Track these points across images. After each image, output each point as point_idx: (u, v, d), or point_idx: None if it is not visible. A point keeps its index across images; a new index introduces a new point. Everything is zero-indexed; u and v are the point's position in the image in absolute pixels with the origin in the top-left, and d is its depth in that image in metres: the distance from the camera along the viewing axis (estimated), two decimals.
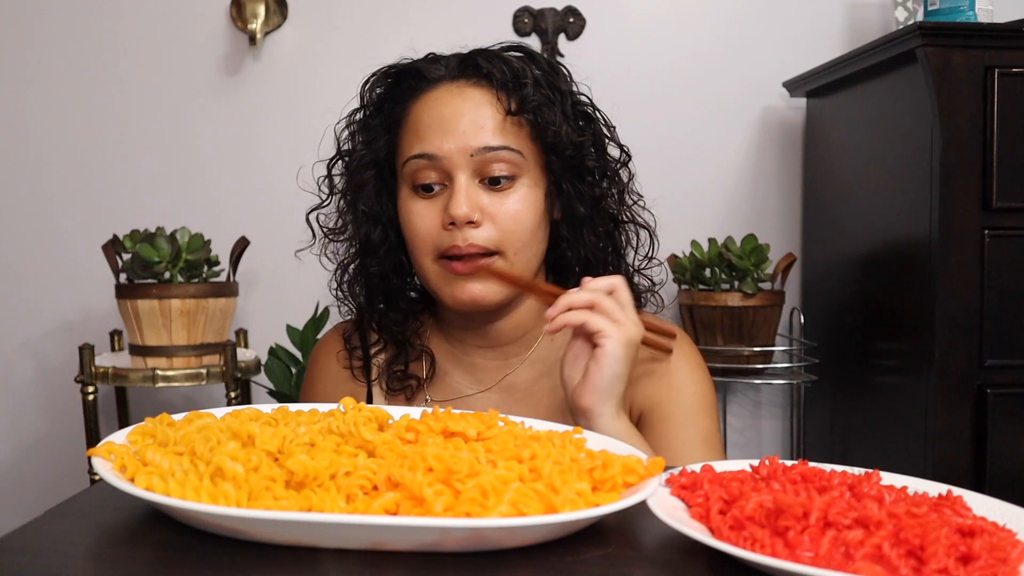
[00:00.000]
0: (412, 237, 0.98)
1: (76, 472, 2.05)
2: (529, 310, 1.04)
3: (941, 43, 1.47)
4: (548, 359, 1.05)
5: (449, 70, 0.99)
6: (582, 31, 2.10)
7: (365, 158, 1.01)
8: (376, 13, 2.09)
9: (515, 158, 0.95)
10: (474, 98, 0.96)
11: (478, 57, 0.98)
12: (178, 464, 0.63)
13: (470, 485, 0.58)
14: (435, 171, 0.95)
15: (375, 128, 1.02)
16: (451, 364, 1.07)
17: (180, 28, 2.10)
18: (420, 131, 0.96)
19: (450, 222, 0.93)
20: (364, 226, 1.01)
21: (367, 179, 1.01)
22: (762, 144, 2.13)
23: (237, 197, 2.11)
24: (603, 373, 0.87)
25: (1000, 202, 1.47)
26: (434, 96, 0.98)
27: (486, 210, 0.94)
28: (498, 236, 0.95)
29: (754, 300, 1.83)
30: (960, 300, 1.47)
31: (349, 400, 0.76)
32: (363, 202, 1.01)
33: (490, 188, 0.95)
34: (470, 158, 0.94)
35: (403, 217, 0.99)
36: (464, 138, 0.94)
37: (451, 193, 0.94)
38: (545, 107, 0.96)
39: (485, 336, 1.04)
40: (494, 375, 1.05)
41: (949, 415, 1.48)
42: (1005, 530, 0.57)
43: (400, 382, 1.05)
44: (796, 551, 0.54)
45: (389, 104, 1.02)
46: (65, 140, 2.11)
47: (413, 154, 0.96)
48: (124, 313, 1.75)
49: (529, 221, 0.96)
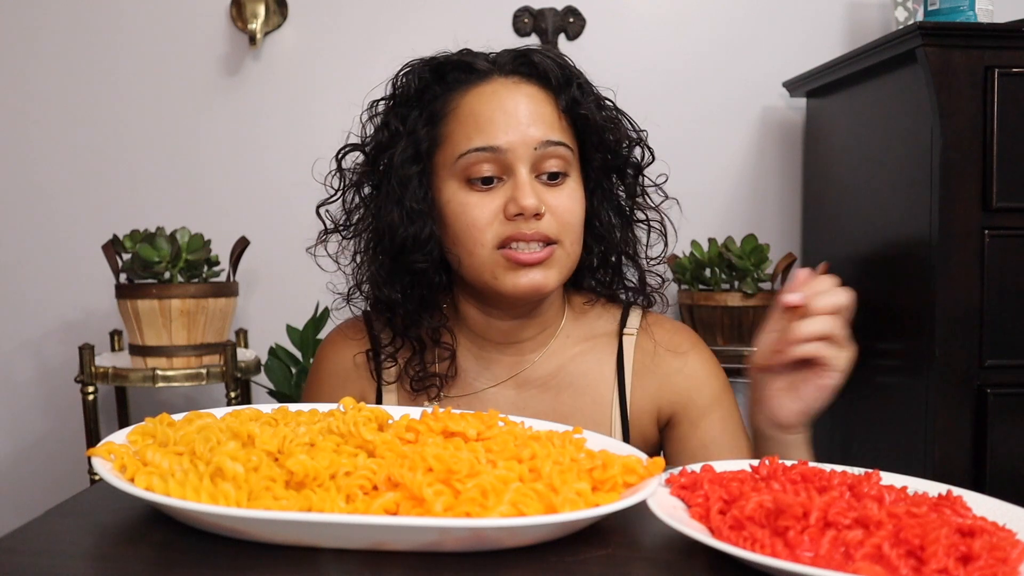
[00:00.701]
0: (469, 228, 0.95)
1: (76, 472, 2.05)
2: (550, 307, 1.05)
3: (941, 43, 1.47)
4: (563, 355, 1.06)
5: (499, 65, 0.99)
6: (582, 31, 2.10)
7: (408, 150, 0.98)
8: (376, 13, 2.09)
9: (568, 155, 0.97)
10: (532, 94, 0.97)
11: (532, 54, 0.99)
12: (178, 464, 0.63)
13: (470, 485, 0.58)
14: (495, 164, 0.95)
15: (414, 120, 0.99)
16: (468, 360, 1.07)
17: (180, 28, 2.10)
18: (480, 123, 0.95)
19: (516, 213, 0.93)
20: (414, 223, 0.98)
21: (411, 175, 0.98)
22: (762, 144, 2.13)
23: (237, 197, 2.11)
24: (821, 399, 0.90)
25: (1000, 202, 1.47)
26: (490, 89, 0.97)
27: (546, 203, 0.95)
28: (557, 227, 0.96)
29: (754, 300, 1.83)
30: (960, 300, 1.47)
31: (349, 400, 0.76)
32: (410, 198, 0.98)
33: (546, 183, 0.96)
34: (532, 151, 0.94)
35: (454, 210, 0.97)
36: (528, 131, 0.94)
37: (515, 186, 0.94)
38: (595, 107, 0.99)
39: (506, 333, 1.04)
40: (509, 370, 1.06)
41: (949, 415, 1.48)
42: (1005, 530, 0.57)
43: (422, 383, 1.04)
44: (796, 551, 0.54)
45: (430, 96, 1.00)
46: (65, 140, 2.11)
47: (474, 147, 0.94)
48: (124, 313, 1.75)
49: (580, 214, 0.99)
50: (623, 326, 1.08)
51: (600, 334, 1.08)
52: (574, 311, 1.09)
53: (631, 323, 1.08)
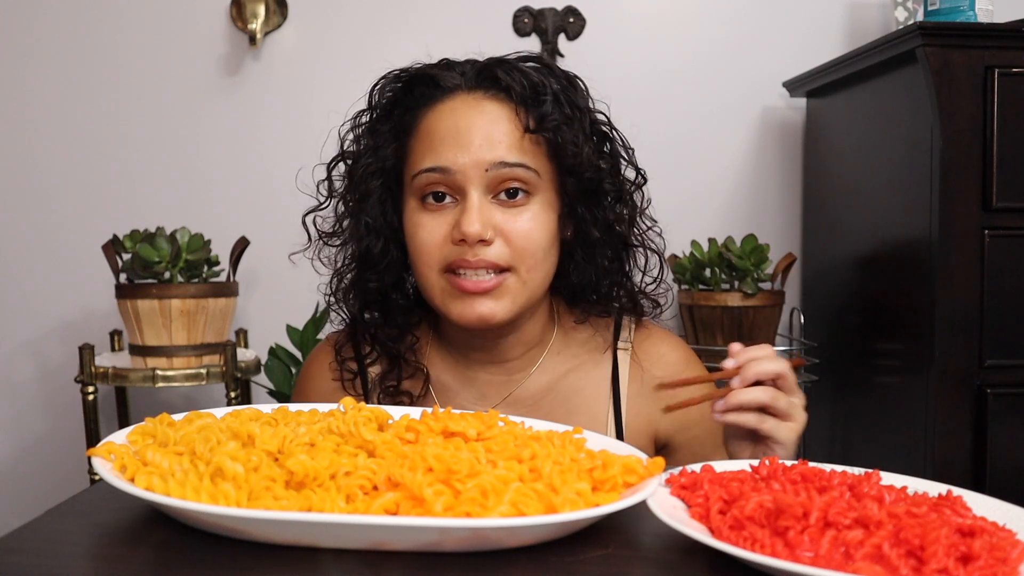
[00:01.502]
0: (418, 250, 0.94)
1: (76, 472, 2.05)
2: (534, 327, 1.02)
3: (941, 43, 1.47)
4: (554, 373, 1.03)
5: (465, 79, 0.95)
6: (582, 31, 2.10)
7: (372, 166, 0.97)
8: (376, 13, 2.09)
9: (530, 176, 0.92)
10: (491, 112, 0.93)
11: (496, 68, 0.94)
12: (178, 464, 0.63)
13: (470, 485, 0.58)
14: (446, 185, 0.92)
15: (383, 134, 0.98)
16: (455, 380, 1.04)
17: (180, 28, 2.10)
18: (433, 143, 0.93)
19: (460, 239, 0.90)
20: (366, 239, 0.98)
21: (372, 189, 0.97)
22: (762, 144, 2.13)
23: (237, 197, 2.11)
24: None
25: (1000, 202, 1.47)
26: (449, 107, 0.94)
27: (499, 227, 0.91)
28: (510, 253, 0.92)
29: (754, 300, 1.83)
30: (960, 300, 1.47)
31: (349, 400, 0.76)
32: (367, 213, 0.97)
33: (503, 204, 0.92)
34: (484, 173, 0.91)
35: (409, 230, 0.95)
36: (479, 152, 0.90)
37: (463, 209, 0.91)
38: (564, 127, 0.93)
39: (489, 352, 1.02)
40: (500, 391, 1.03)
41: (949, 415, 1.48)
42: (1005, 530, 0.57)
43: (392, 398, 1.02)
44: (796, 551, 0.54)
45: (399, 110, 0.98)
46: (65, 140, 2.11)
47: (425, 167, 0.92)
48: (124, 313, 1.76)
49: (542, 240, 0.93)
50: (616, 338, 1.05)
51: (593, 349, 1.04)
52: (563, 328, 1.05)
53: (624, 335, 1.05)
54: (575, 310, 1.05)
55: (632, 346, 1.04)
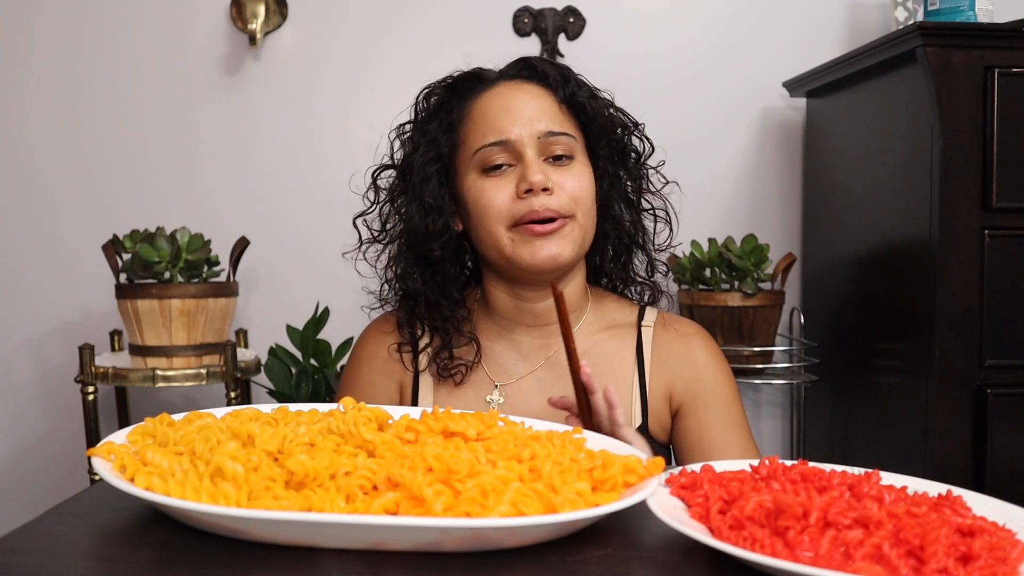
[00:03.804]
0: (486, 208, 1.06)
1: (76, 472, 2.05)
2: (575, 290, 1.14)
3: (941, 43, 1.47)
4: (588, 340, 1.14)
5: (503, 73, 1.14)
6: (582, 31, 2.10)
7: (429, 154, 1.11)
8: (376, 13, 2.09)
9: (571, 142, 1.09)
10: (532, 91, 1.10)
11: (531, 60, 1.13)
12: (178, 464, 0.63)
13: (470, 485, 0.58)
14: (507, 153, 1.07)
15: (433, 131, 1.13)
16: (498, 344, 1.16)
17: (180, 28, 2.10)
18: (489, 121, 1.08)
19: (527, 189, 1.04)
20: (429, 215, 1.11)
21: (430, 174, 1.11)
22: (762, 144, 2.13)
23: (237, 197, 2.11)
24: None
25: (1000, 202, 1.47)
26: (496, 91, 1.11)
27: (555, 181, 1.06)
28: (569, 202, 1.06)
29: (754, 300, 1.83)
30: (960, 300, 1.47)
31: (349, 400, 0.76)
32: (428, 195, 1.11)
33: (553, 164, 1.07)
34: (537, 140, 1.07)
35: (473, 196, 1.08)
36: (531, 123, 1.07)
37: (524, 166, 1.05)
38: (592, 99, 1.12)
39: (533, 315, 1.13)
40: (540, 353, 1.14)
41: (949, 415, 1.48)
42: (1005, 530, 0.57)
43: (448, 369, 1.13)
44: (796, 551, 0.54)
45: (446, 109, 1.13)
46: (65, 140, 2.11)
47: (488, 142, 1.07)
48: (124, 313, 1.76)
49: (590, 191, 1.09)
50: (641, 319, 1.18)
51: (621, 324, 1.17)
52: (596, 299, 1.19)
53: (648, 318, 1.18)
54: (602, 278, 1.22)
55: (655, 326, 1.17)
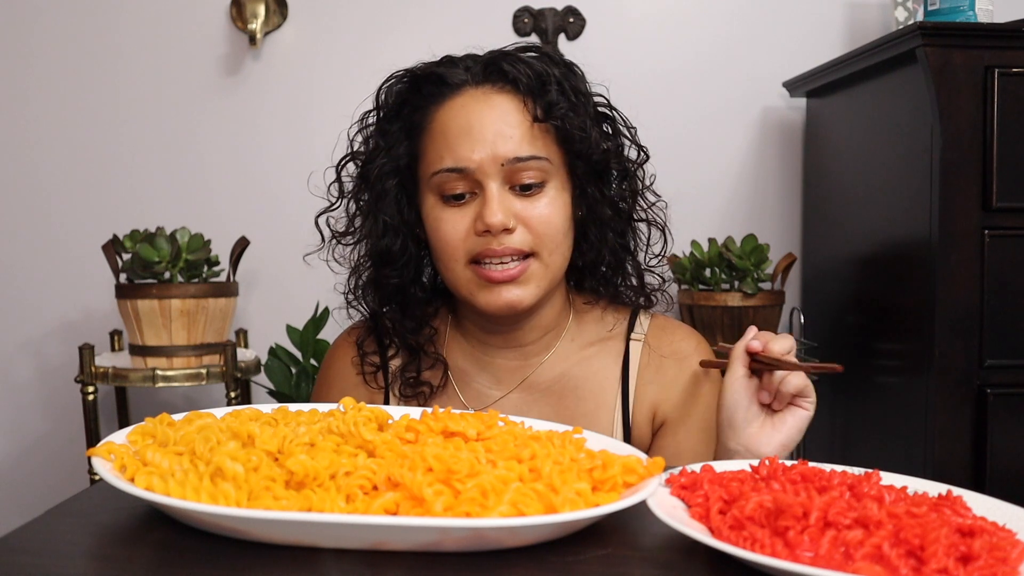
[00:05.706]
0: (442, 245, 0.97)
1: (76, 472, 2.05)
2: (551, 311, 1.05)
3: (941, 43, 1.47)
4: (568, 359, 1.06)
5: (472, 75, 0.98)
6: (582, 31, 2.10)
7: (386, 166, 1.00)
8: (376, 13, 2.09)
9: (543, 166, 0.95)
10: (500, 105, 0.95)
11: (501, 61, 0.97)
12: (178, 464, 0.63)
13: (470, 485, 0.58)
14: (465, 182, 0.95)
15: (394, 134, 1.00)
16: (472, 366, 1.07)
17: (180, 28, 2.10)
18: (448, 141, 0.95)
19: (484, 230, 0.93)
20: (385, 237, 1.00)
21: (388, 188, 1.00)
22: (762, 144, 2.13)
23: (237, 197, 2.11)
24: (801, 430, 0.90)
25: (1000, 202, 1.47)
26: (459, 103, 0.96)
27: (519, 215, 0.95)
28: (532, 239, 0.95)
29: (754, 300, 1.83)
30: (960, 300, 1.47)
31: (349, 400, 0.76)
32: (384, 212, 1.00)
33: (520, 194, 0.95)
34: (500, 167, 0.94)
35: (431, 225, 0.98)
36: (493, 148, 0.93)
37: (483, 201, 0.94)
38: (571, 113, 0.96)
39: (508, 338, 1.04)
40: (515, 375, 1.06)
41: (949, 415, 1.48)
42: (1005, 530, 0.57)
43: (412, 388, 1.05)
44: (796, 551, 0.54)
45: (408, 109, 1.00)
46: (65, 140, 2.11)
47: (443, 168, 0.95)
48: (124, 313, 1.75)
49: (560, 223, 0.97)
50: (631, 330, 1.07)
51: (606, 337, 1.07)
52: (578, 313, 1.08)
53: (639, 328, 1.08)
54: (586, 293, 1.08)
55: (646, 336, 1.07)
